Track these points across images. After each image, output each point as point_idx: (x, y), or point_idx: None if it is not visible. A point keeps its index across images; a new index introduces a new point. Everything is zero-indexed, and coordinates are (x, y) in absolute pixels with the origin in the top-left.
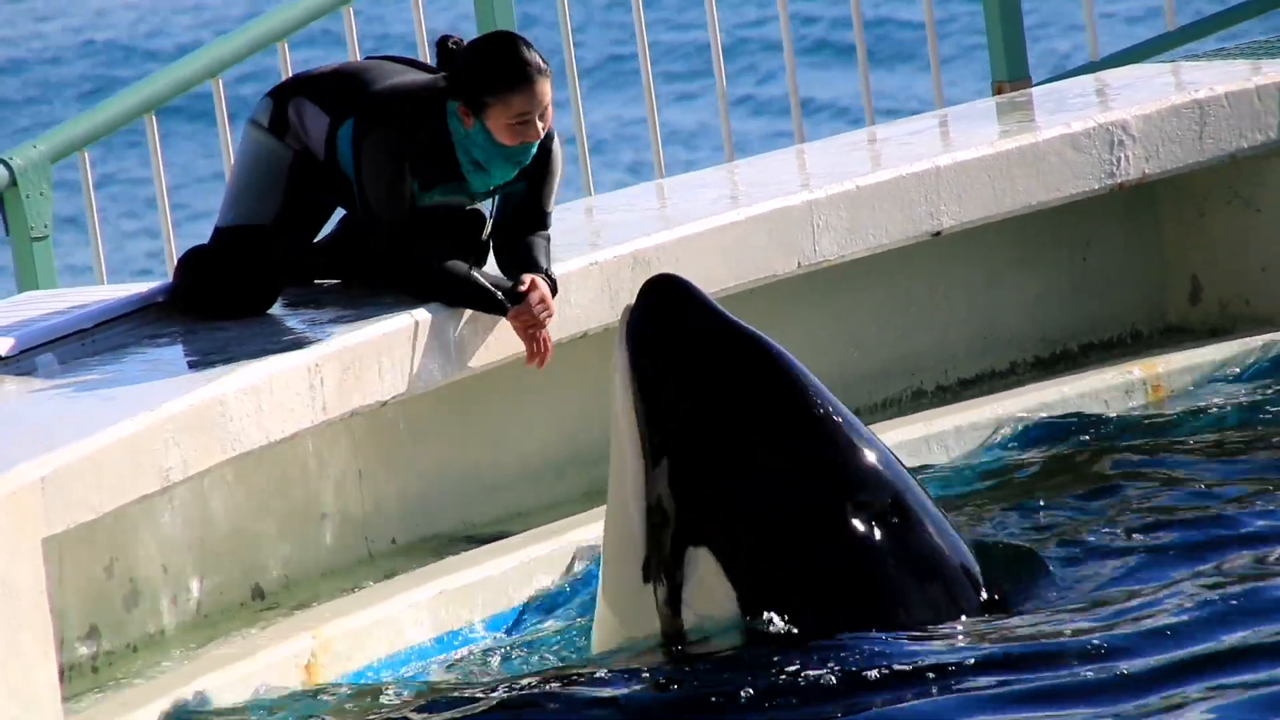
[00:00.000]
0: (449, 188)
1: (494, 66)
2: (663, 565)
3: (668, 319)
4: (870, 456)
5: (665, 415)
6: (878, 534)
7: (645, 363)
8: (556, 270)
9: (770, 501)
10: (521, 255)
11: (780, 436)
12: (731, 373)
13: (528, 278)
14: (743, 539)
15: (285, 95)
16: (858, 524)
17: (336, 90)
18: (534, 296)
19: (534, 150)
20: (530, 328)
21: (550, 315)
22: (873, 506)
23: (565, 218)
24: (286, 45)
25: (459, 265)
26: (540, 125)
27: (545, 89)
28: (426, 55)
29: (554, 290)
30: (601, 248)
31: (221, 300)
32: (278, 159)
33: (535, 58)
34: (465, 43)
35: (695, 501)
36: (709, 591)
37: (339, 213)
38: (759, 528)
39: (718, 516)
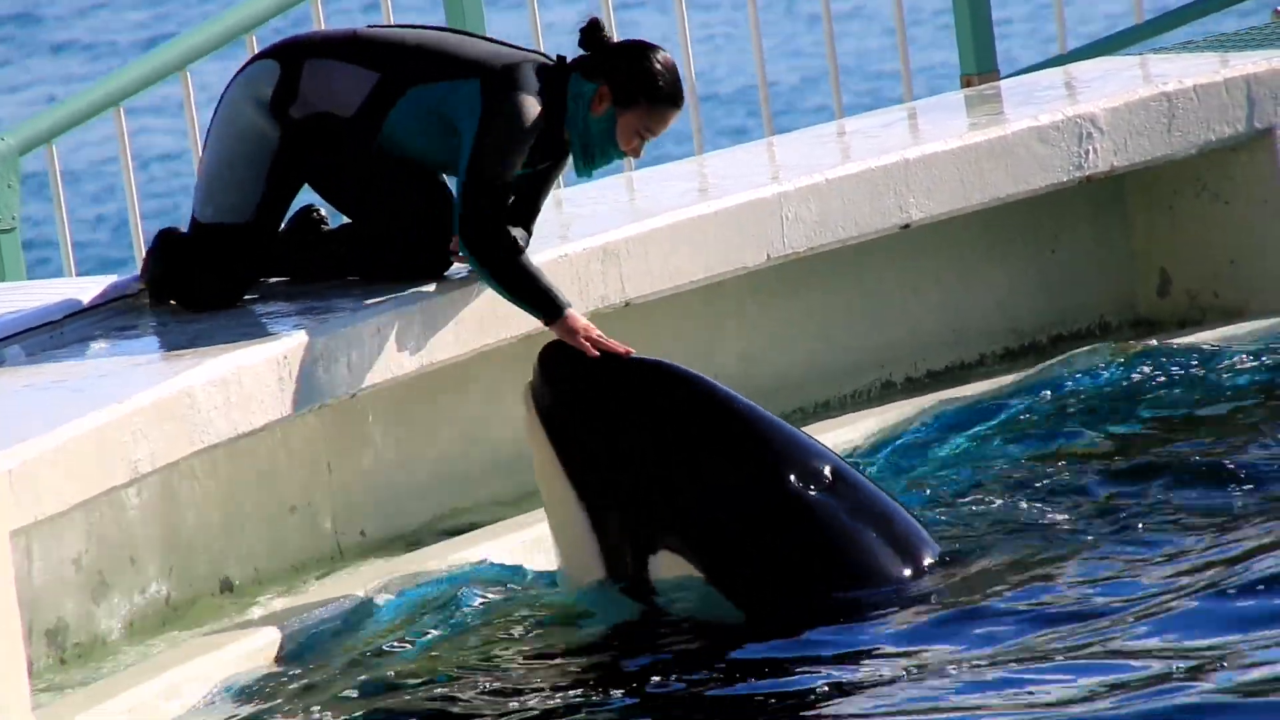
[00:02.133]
0: (535, 163)
1: (662, 78)
2: (630, 580)
3: (565, 371)
4: (798, 435)
5: (590, 451)
6: (828, 497)
7: (558, 417)
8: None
9: (715, 484)
10: None
11: (706, 430)
12: (639, 392)
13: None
14: (697, 525)
15: (297, 56)
16: (804, 486)
17: (383, 52)
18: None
19: (616, 163)
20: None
21: (583, 343)
22: (817, 473)
23: None
24: (254, 38)
25: (532, 263)
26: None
27: (675, 120)
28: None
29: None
30: (571, 240)
31: (193, 294)
32: (266, 143)
33: (680, 84)
34: (613, 37)
35: (645, 513)
36: (679, 584)
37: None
38: (711, 510)
39: (670, 516)
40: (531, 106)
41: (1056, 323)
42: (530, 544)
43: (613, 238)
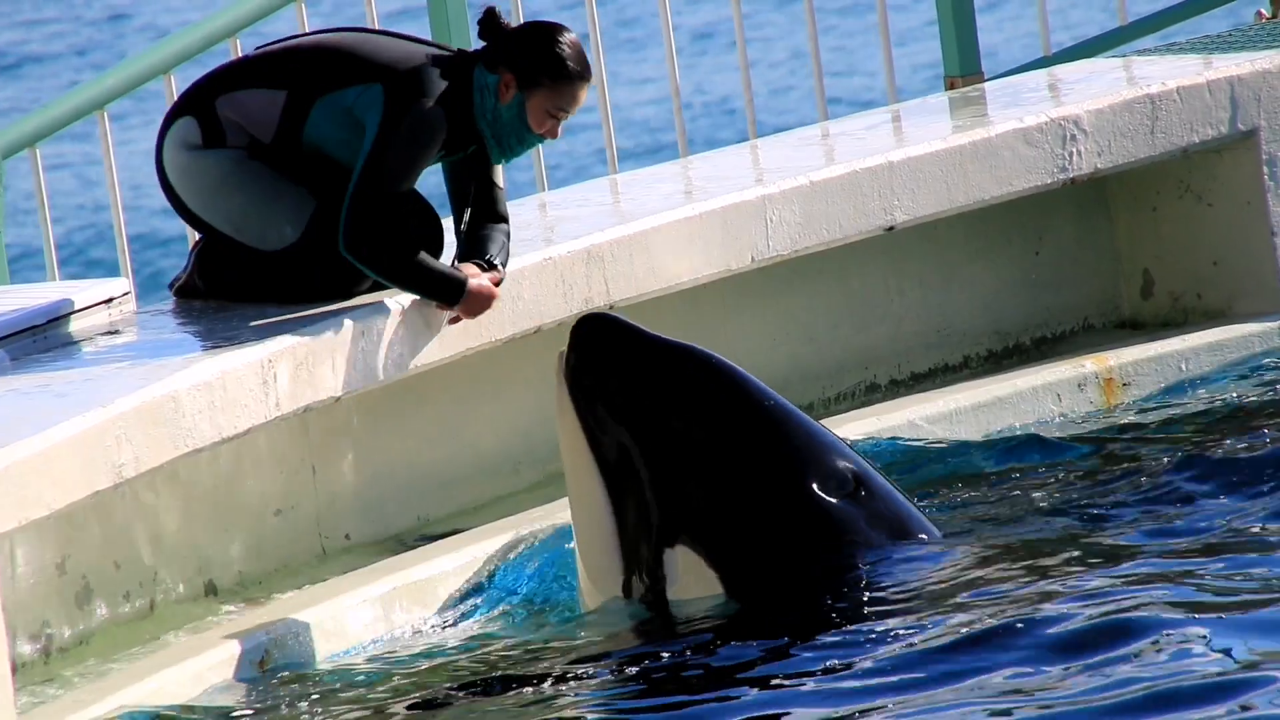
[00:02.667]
0: (455, 151)
1: (560, 55)
2: (644, 577)
3: (602, 349)
4: (826, 436)
5: (617, 435)
6: (848, 503)
7: (590, 394)
8: (512, 265)
9: (740, 487)
10: (479, 244)
11: (737, 429)
12: (675, 382)
13: (470, 265)
14: (718, 526)
15: (205, 100)
16: (828, 494)
17: (284, 66)
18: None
19: (537, 146)
20: (474, 314)
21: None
22: (839, 478)
23: (520, 213)
24: (238, 41)
25: (417, 253)
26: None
27: (586, 95)
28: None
29: (495, 274)
30: (556, 243)
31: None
32: (249, 167)
33: (585, 58)
34: (510, 23)
35: (667, 507)
36: (694, 583)
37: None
38: (734, 512)
39: (692, 513)
40: (433, 115)
41: (1040, 324)
42: (515, 548)
43: (597, 240)
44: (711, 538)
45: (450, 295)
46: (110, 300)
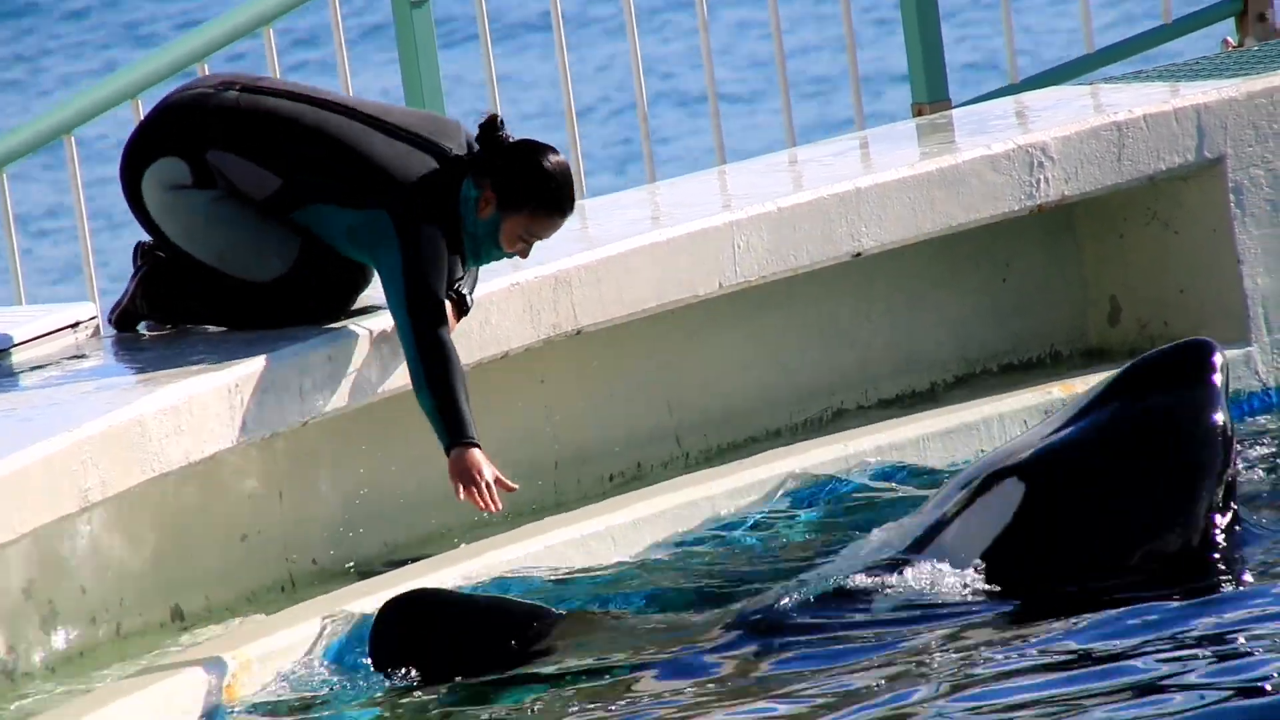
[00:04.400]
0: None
1: (549, 185)
2: None
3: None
4: None
5: None
6: None
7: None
8: (479, 291)
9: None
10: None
11: None
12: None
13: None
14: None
15: (197, 148)
16: None
17: (282, 151)
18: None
19: (501, 260)
20: (457, 480)
21: (481, 486)
22: None
23: None
24: (206, 66)
25: (463, 388)
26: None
27: (563, 224)
28: (347, 75)
29: (464, 311)
30: (523, 268)
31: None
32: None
33: (571, 190)
34: (512, 136)
35: None
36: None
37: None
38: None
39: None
40: (437, 239)
41: (1008, 351)
42: (482, 574)
43: (565, 266)
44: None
45: (445, 440)
46: (77, 324)
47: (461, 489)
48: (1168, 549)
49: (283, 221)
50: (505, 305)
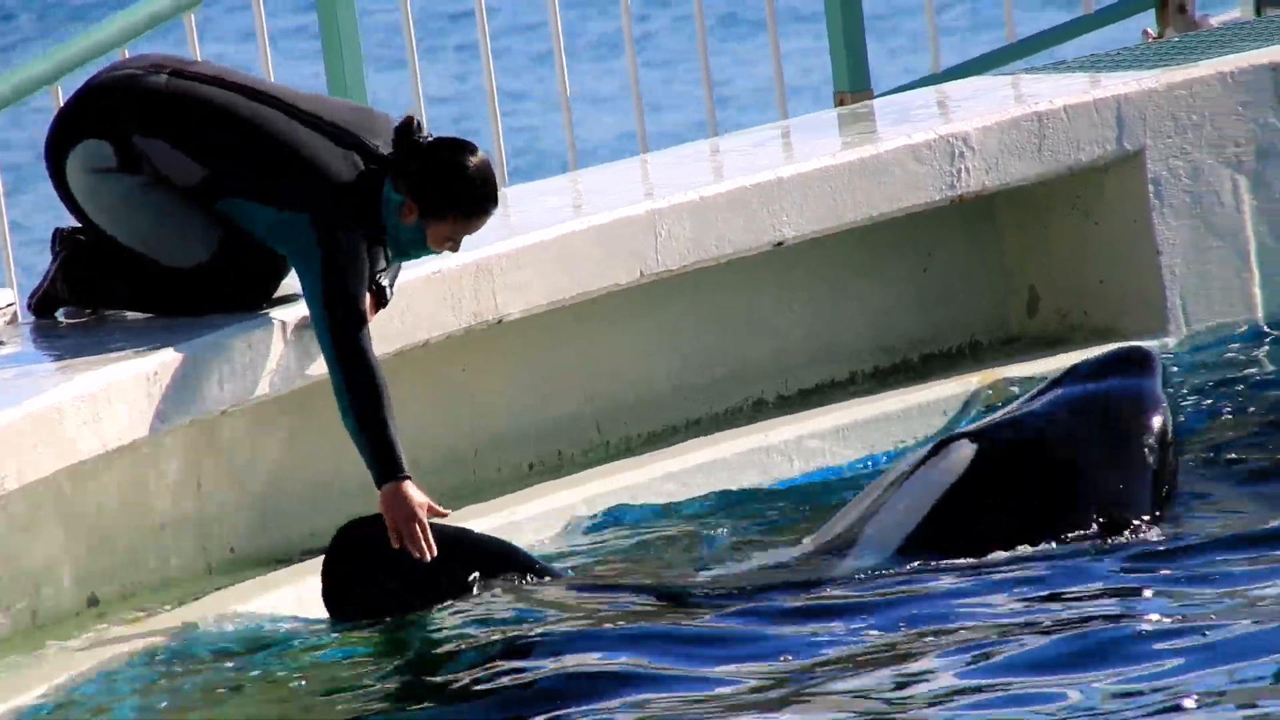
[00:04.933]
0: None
1: (470, 191)
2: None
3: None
4: None
5: None
6: None
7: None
8: (401, 278)
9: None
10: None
11: None
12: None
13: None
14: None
15: (123, 132)
16: None
17: (208, 141)
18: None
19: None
20: (389, 512)
21: (414, 529)
22: None
23: None
24: (126, 52)
25: (390, 416)
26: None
27: (486, 222)
28: (268, 61)
29: (383, 303)
30: (445, 257)
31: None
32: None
33: (493, 189)
34: (430, 136)
35: None
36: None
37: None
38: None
39: None
40: (360, 238)
41: (928, 341)
42: None
43: (486, 254)
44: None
45: (385, 475)
46: None
47: (394, 534)
48: (1108, 514)
49: (206, 210)
50: (426, 294)
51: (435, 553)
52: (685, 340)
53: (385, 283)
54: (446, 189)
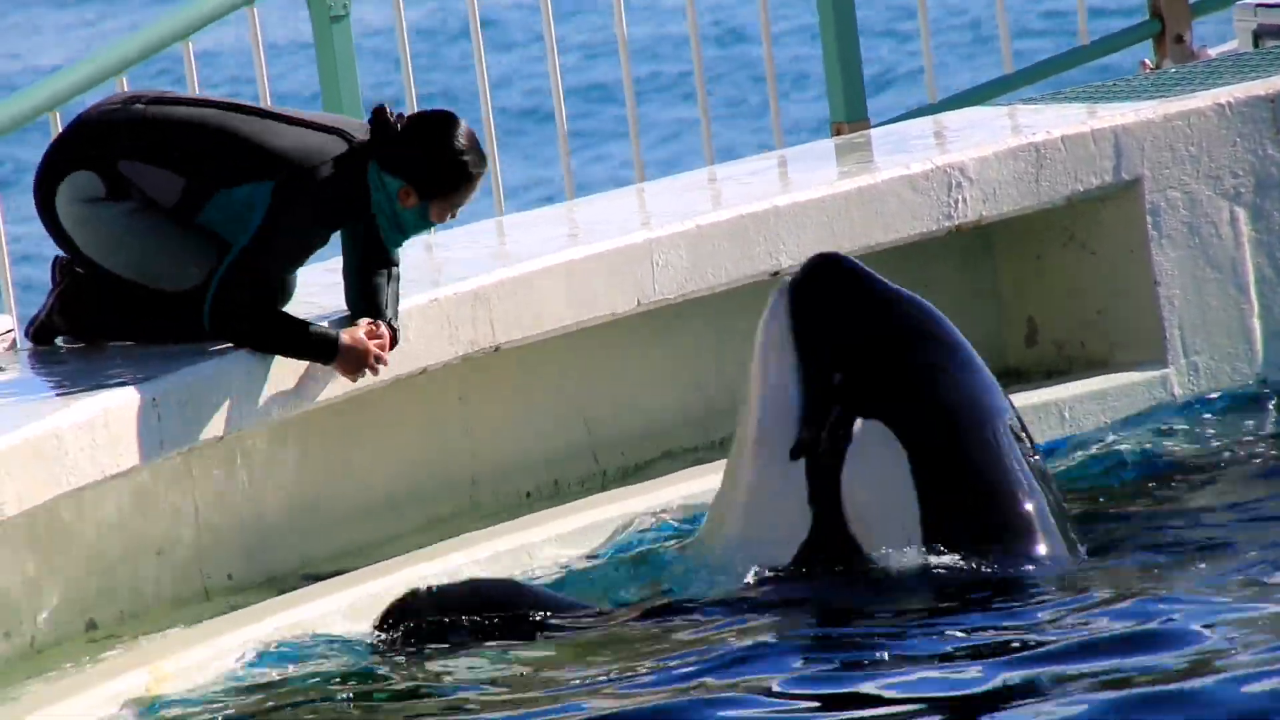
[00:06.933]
0: (346, 224)
1: (458, 165)
2: (823, 438)
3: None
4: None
5: (827, 334)
6: (1021, 442)
7: (806, 301)
8: (398, 307)
9: (943, 390)
10: (369, 296)
11: (948, 346)
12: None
13: (363, 323)
14: (918, 416)
15: (108, 160)
16: (1011, 428)
17: (186, 149)
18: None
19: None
20: (352, 373)
21: (375, 361)
22: (1012, 426)
23: (406, 254)
24: (125, 80)
25: (283, 315)
26: None
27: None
28: (265, 85)
29: (394, 342)
30: (442, 284)
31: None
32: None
33: (480, 151)
34: (403, 115)
35: (870, 381)
36: (876, 454)
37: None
38: (935, 410)
39: (895, 395)
40: (316, 217)
41: None
42: (399, 588)
43: (484, 282)
44: (908, 423)
45: (324, 355)
46: None
47: (359, 375)
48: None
49: (197, 232)
50: (423, 321)
51: (388, 364)
52: (683, 369)
53: (388, 315)
54: (442, 168)
